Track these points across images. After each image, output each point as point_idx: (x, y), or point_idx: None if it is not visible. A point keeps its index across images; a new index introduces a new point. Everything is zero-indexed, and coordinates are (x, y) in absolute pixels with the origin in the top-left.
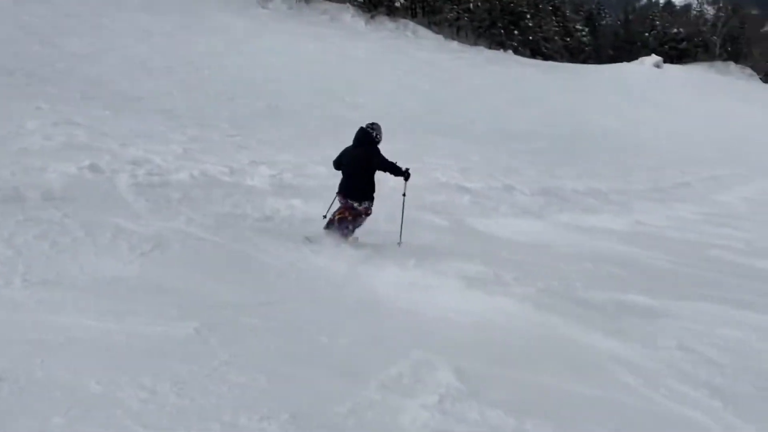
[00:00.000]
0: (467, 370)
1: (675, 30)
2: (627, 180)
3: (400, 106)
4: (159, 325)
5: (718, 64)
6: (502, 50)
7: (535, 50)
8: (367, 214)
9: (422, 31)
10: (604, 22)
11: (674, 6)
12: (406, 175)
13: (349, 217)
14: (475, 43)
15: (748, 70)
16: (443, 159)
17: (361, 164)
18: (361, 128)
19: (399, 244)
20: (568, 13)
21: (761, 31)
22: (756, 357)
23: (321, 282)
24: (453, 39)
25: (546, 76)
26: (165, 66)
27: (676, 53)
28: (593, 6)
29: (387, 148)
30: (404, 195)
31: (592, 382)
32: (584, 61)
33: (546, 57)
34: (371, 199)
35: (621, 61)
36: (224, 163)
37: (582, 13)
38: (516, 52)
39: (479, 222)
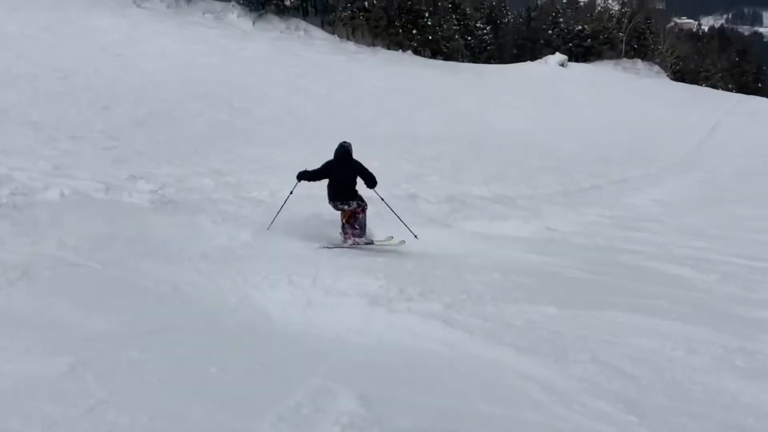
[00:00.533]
0: (370, 396)
1: (579, 27)
2: (535, 184)
3: (293, 112)
4: (28, 362)
5: (625, 61)
6: (400, 50)
7: (436, 50)
8: (363, 210)
9: (315, 31)
10: (506, 20)
11: (578, 2)
12: (374, 181)
13: (352, 221)
14: (372, 44)
15: (656, 67)
16: None
17: (350, 174)
18: (342, 146)
19: (416, 237)
20: (468, 11)
21: (668, 26)
22: (670, 367)
23: (208, 306)
24: (348, 39)
25: (448, 76)
26: (30, 73)
27: (582, 51)
28: (494, 3)
29: (282, 160)
30: (383, 198)
31: (502, 401)
32: (487, 61)
33: (447, 57)
34: (359, 197)
35: (525, 60)
36: (99, 178)
37: (483, 10)
38: (416, 52)
39: (381, 234)
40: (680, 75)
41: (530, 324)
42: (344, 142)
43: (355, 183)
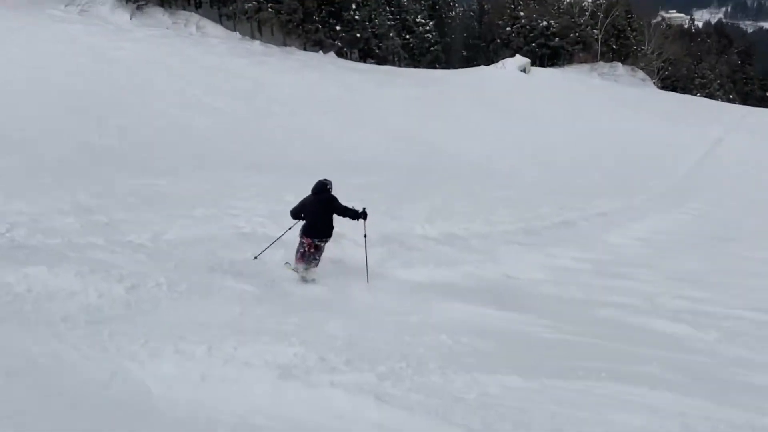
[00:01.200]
0: None
1: (545, 23)
2: (492, 220)
3: (183, 130)
4: None
5: (602, 65)
6: (321, 52)
7: (366, 51)
8: (322, 246)
9: (211, 27)
10: (453, 14)
11: None
12: (363, 215)
13: (313, 251)
14: (285, 43)
15: (640, 73)
16: (248, 201)
17: (325, 211)
18: (319, 182)
19: (367, 281)
20: (405, 2)
21: (653, 22)
22: None
23: (74, 382)
24: (254, 37)
25: (382, 85)
26: None
27: (548, 53)
28: None
29: (170, 192)
30: (365, 236)
31: None
32: (431, 65)
33: (381, 60)
34: (330, 236)
35: (477, 64)
36: None
37: (424, 2)
38: (340, 54)
39: (297, 285)
40: (670, 82)
41: (486, 398)
42: (324, 179)
43: (331, 220)
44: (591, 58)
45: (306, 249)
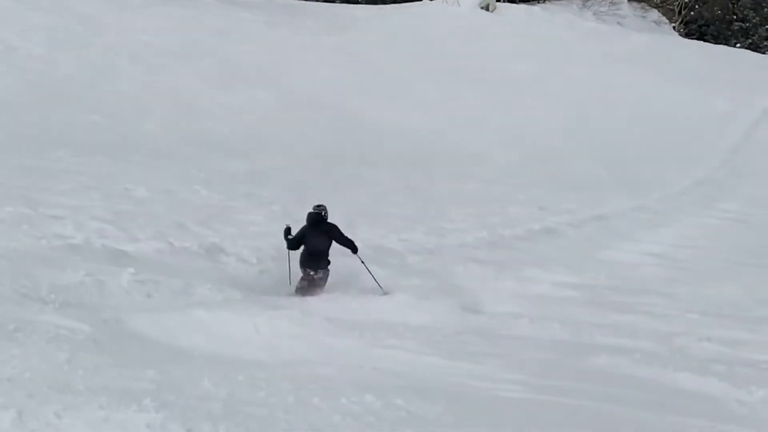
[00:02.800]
0: None
1: None
2: (442, 226)
3: None
4: None
5: (599, 1)
6: None
7: None
8: (324, 280)
9: None
10: None
11: None
12: (355, 249)
13: (307, 285)
14: None
15: (654, 14)
16: (77, 196)
17: (323, 241)
18: (313, 211)
19: (384, 293)
20: None
21: None
22: None
23: None
24: None
25: (279, 27)
26: None
27: None
28: None
29: None
30: (363, 263)
31: None
32: (350, 0)
33: None
34: (327, 267)
35: None
36: None
37: None
38: None
39: (149, 320)
40: (697, 27)
41: None
42: (318, 205)
43: (327, 249)
44: None
45: (301, 283)
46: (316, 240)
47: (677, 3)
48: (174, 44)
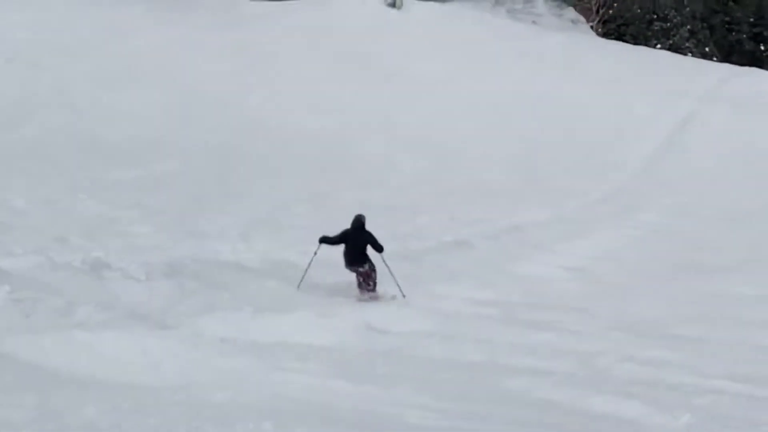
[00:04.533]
0: None
1: None
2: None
3: None
4: None
5: None
6: None
7: None
8: (374, 270)
9: None
10: None
11: None
12: (382, 249)
13: (363, 279)
14: None
15: (570, 12)
16: None
17: (364, 242)
18: (357, 218)
19: (404, 296)
20: None
21: None
22: None
23: None
24: None
25: (171, 23)
26: None
27: None
28: None
29: None
30: (385, 262)
31: None
32: None
33: None
34: (369, 260)
35: None
36: None
37: None
38: None
39: (28, 341)
40: (615, 27)
41: None
42: (360, 214)
43: (366, 249)
44: None
45: (361, 280)
46: (356, 242)
47: (595, 1)
48: (57, 40)
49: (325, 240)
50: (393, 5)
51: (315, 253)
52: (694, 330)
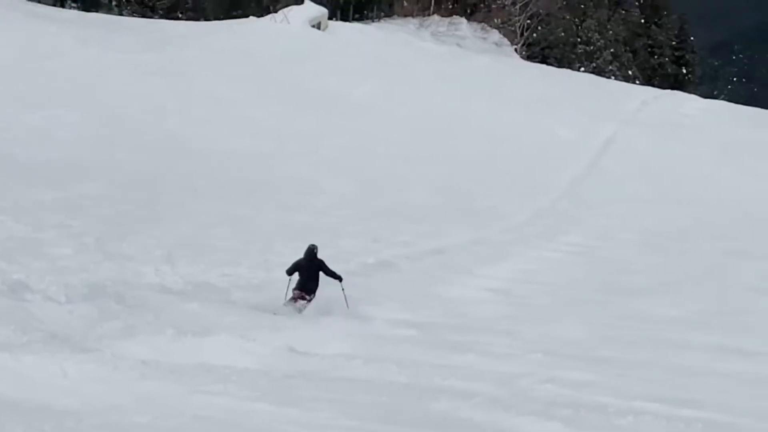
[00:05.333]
0: None
1: None
2: (268, 260)
3: None
4: None
5: (437, 20)
6: None
7: None
8: (309, 302)
9: None
10: None
11: None
12: (340, 278)
13: (299, 300)
14: None
15: (494, 34)
16: None
17: (316, 272)
18: (311, 248)
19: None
20: None
21: None
22: None
23: None
24: None
25: (93, 44)
26: None
27: (355, 0)
28: None
29: None
30: (343, 290)
31: None
32: (170, 15)
33: (92, 4)
34: (314, 292)
35: (246, 15)
36: None
37: None
38: None
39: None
40: (540, 50)
41: None
42: (312, 245)
43: (318, 278)
44: (421, 10)
45: (295, 298)
46: (309, 271)
47: (519, 24)
48: None
49: (287, 272)
50: (317, 27)
51: (290, 280)
52: (615, 351)
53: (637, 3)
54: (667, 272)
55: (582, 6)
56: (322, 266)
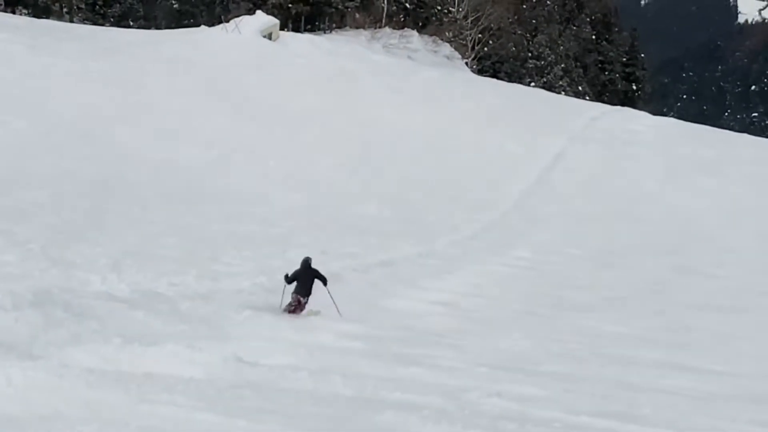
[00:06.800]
0: None
1: None
2: (215, 270)
3: None
4: None
5: (389, 33)
6: None
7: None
8: (308, 300)
9: None
10: None
11: None
12: (325, 281)
13: (298, 304)
14: None
15: (446, 48)
16: None
17: (311, 279)
18: (306, 260)
19: (340, 314)
20: None
21: None
22: None
23: None
24: None
25: (42, 51)
26: None
27: (308, 10)
28: None
29: None
30: (329, 293)
31: None
32: (121, 23)
33: (41, 11)
34: (310, 294)
35: (197, 24)
36: None
37: None
38: None
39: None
40: (490, 64)
41: None
42: (307, 257)
43: (312, 285)
44: (372, 23)
45: (293, 302)
46: (306, 279)
47: (471, 38)
48: None
49: (286, 279)
50: (268, 37)
51: (285, 286)
52: (561, 366)
53: (588, 19)
54: (613, 288)
55: (533, 21)
56: (317, 274)
